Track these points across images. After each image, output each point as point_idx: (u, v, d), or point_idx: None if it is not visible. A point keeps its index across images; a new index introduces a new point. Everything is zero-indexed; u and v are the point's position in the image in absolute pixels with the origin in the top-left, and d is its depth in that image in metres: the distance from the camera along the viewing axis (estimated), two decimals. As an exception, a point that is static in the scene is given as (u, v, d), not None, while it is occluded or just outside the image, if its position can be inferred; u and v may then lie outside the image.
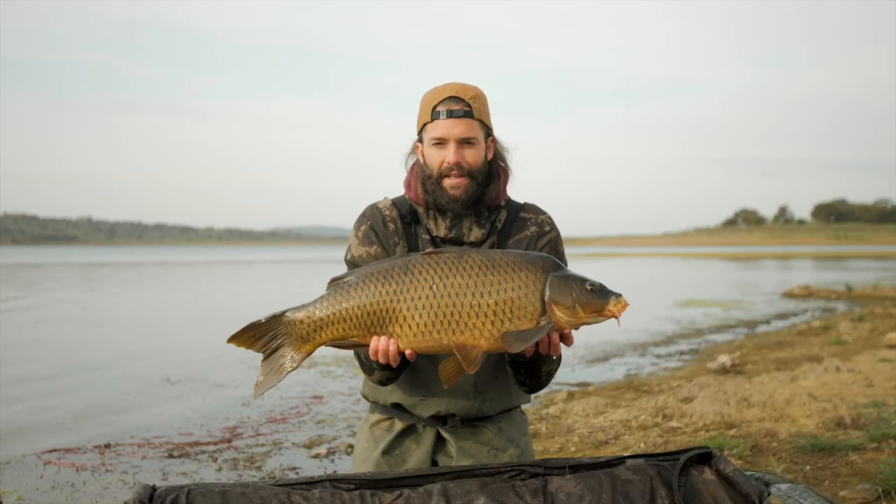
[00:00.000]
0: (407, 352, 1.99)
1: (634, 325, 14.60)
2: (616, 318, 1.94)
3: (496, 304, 1.94)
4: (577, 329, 1.99)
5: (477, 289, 1.95)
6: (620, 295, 1.95)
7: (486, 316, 1.94)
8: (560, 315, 1.93)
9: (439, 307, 1.95)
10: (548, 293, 1.94)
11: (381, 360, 2.00)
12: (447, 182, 2.24)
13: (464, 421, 2.32)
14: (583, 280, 1.95)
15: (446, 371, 1.98)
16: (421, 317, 1.95)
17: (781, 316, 16.83)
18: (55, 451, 6.09)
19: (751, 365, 9.34)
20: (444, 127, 2.24)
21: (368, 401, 2.45)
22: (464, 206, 2.25)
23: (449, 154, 2.24)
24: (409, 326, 1.96)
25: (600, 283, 1.95)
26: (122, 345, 12.76)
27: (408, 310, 1.96)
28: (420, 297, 1.96)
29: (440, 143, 2.25)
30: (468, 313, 1.94)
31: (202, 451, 6.04)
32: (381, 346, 1.98)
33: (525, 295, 1.94)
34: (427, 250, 2.08)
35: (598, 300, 1.92)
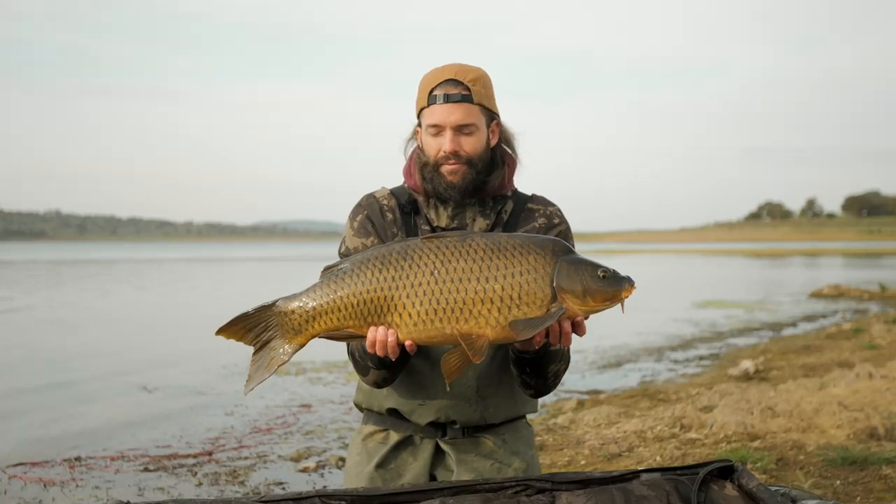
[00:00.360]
0: (406, 343, 1.99)
1: (650, 327, 14.61)
2: (622, 302, 1.97)
3: (503, 290, 1.95)
4: (586, 318, 2.02)
5: (482, 274, 1.96)
6: (633, 281, 1.97)
7: (491, 303, 1.95)
8: (571, 303, 1.95)
9: (441, 294, 1.96)
10: (556, 279, 1.95)
11: (379, 353, 2.00)
12: (445, 169, 2.26)
13: (465, 431, 2.32)
14: (594, 266, 1.97)
15: (449, 364, 1.99)
16: (422, 304, 1.96)
17: (809, 318, 16.84)
18: (21, 464, 6.09)
19: (776, 371, 9.35)
20: (441, 113, 2.25)
21: (362, 409, 2.45)
22: (461, 193, 2.27)
23: (445, 142, 2.25)
24: (409, 315, 1.97)
25: (613, 270, 1.98)
26: (97, 348, 12.75)
27: (407, 297, 1.97)
28: (420, 284, 1.97)
29: (436, 129, 2.26)
30: (472, 300, 1.95)
31: (180, 464, 6.05)
32: (380, 336, 1.99)
33: (534, 280, 1.96)
34: (427, 234, 2.09)
35: (610, 287, 1.95)
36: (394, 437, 2.35)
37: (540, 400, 2.58)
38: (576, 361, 10.85)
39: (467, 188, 2.27)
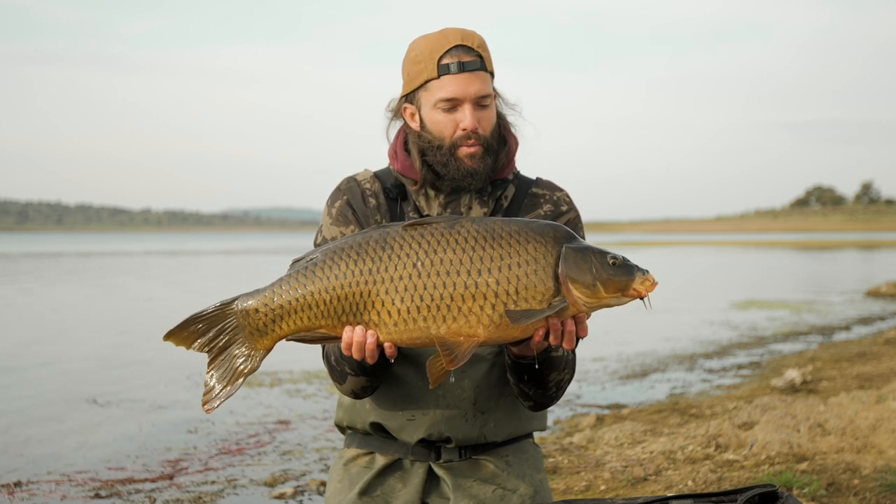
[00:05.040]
0: (386, 346, 2.00)
1: (680, 331, 14.62)
2: (643, 298, 1.98)
3: (497, 283, 1.96)
4: (589, 315, 2.03)
5: (473, 266, 1.97)
6: (647, 271, 1.99)
7: (484, 298, 1.96)
8: (578, 295, 1.96)
9: (426, 289, 1.97)
10: (562, 268, 1.96)
11: (356, 356, 2.01)
12: (464, 152, 2.26)
13: (462, 451, 2.32)
14: (603, 253, 1.99)
15: (436, 367, 2.01)
16: (403, 301, 1.97)
17: (865, 320, 16.86)
18: (-48, 489, 6.09)
19: (826, 382, 9.36)
20: (458, 84, 2.24)
21: (344, 430, 2.45)
22: (482, 181, 2.29)
23: (465, 118, 2.25)
24: (389, 313, 1.98)
25: (623, 257, 2.00)
26: (40, 355, 12.76)
27: (387, 293, 1.97)
28: (402, 278, 1.97)
29: (451, 104, 2.26)
30: (462, 296, 1.96)
31: (137, 489, 6.05)
32: (357, 337, 2.00)
33: (534, 272, 1.97)
34: (409, 220, 2.10)
35: (622, 277, 1.97)
36: (380, 460, 2.35)
37: (551, 415, 2.58)
38: (595, 370, 10.85)
39: (487, 175, 2.29)
